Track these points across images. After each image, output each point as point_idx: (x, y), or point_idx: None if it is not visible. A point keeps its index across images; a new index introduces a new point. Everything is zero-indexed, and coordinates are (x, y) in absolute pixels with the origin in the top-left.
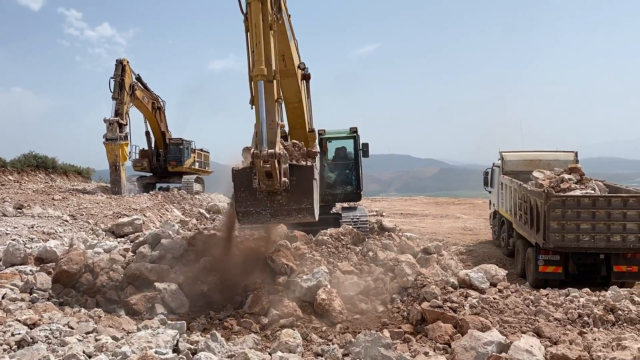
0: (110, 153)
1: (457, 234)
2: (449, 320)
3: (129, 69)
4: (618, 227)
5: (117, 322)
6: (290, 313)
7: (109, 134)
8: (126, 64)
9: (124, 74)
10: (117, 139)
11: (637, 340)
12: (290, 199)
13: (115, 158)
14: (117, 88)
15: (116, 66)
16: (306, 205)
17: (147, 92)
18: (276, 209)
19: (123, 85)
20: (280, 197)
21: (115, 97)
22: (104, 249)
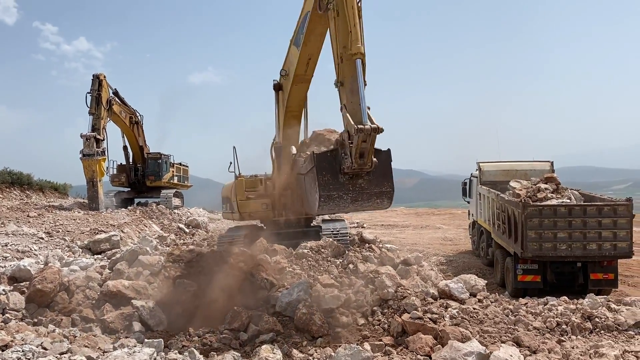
0: (87, 169)
1: (437, 244)
2: (430, 331)
3: (105, 84)
4: (594, 236)
5: (93, 341)
6: (271, 328)
7: (85, 149)
8: (103, 79)
9: (101, 88)
10: (94, 155)
11: (614, 347)
12: (372, 182)
13: (92, 174)
14: (94, 103)
15: (93, 81)
16: (387, 188)
17: (124, 106)
18: (357, 193)
19: (100, 100)
20: (362, 180)
21: (92, 112)
22: (80, 266)
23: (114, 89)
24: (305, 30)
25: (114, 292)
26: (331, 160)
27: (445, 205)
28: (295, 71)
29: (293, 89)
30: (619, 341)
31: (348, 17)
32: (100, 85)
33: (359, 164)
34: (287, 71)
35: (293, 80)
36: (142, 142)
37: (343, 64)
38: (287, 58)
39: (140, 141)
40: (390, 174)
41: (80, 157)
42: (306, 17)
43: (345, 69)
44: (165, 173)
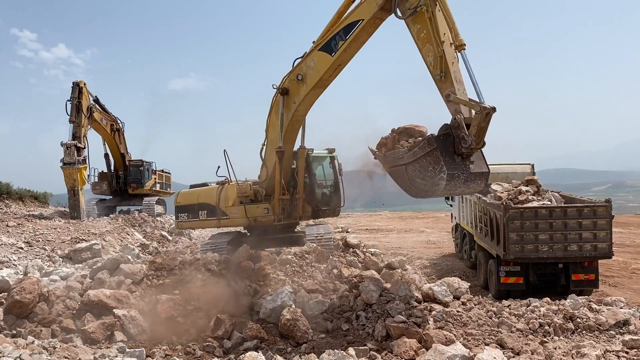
0: (68, 177)
1: (420, 247)
2: (414, 335)
3: (86, 91)
4: (574, 237)
5: (73, 352)
6: (255, 335)
7: (66, 158)
8: (83, 86)
9: (81, 96)
10: (75, 163)
11: (595, 347)
12: (475, 164)
13: (73, 182)
14: (74, 111)
15: (73, 89)
16: (485, 169)
17: (105, 113)
18: (468, 174)
19: (80, 107)
20: (468, 161)
21: (73, 121)
22: (60, 276)
23: (94, 97)
24: (351, 38)
25: (95, 302)
26: (446, 142)
27: (428, 209)
28: (321, 76)
29: (310, 93)
30: (600, 341)
31: (447, 14)
32: (81, 93)
33: (477, 143)
34: (303, 76)
35: (314, 85)
36: (124, 150)
37: (446, 57)
38: (305, 64)
39: (121, 148)
40: (483, 155)
41: (61, 166)
42: (353, 26)
43: (449, 60)
44: (148, 180)
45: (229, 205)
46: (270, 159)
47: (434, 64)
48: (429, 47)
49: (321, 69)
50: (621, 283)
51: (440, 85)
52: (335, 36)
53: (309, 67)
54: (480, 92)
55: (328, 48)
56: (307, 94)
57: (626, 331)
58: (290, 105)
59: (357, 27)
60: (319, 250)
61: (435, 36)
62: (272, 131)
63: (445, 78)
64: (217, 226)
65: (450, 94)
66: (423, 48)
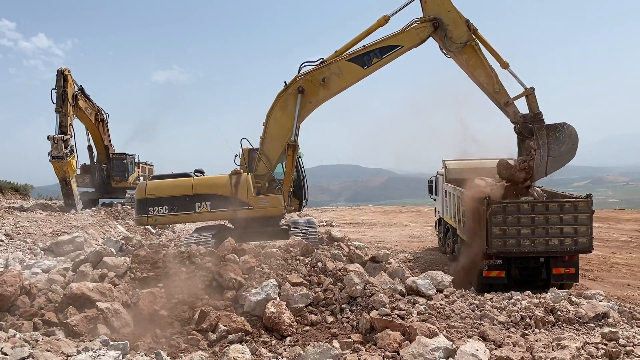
0: (58, 170)
1: (404, 241)
2: (397, 327)
3: (71, 79)
4: (556, 231)
5: (56, 345)
6: (239, 328)
7: (54, 151)
8: (68, 74)
9: (66, 84)
10: (63, 157)
11: (575, 339)
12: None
13: (64, 174)
14: (60, 100)
15: (57, 77)
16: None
17: (90, 103)
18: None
19: (66, 96)
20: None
21: (59, 110)
22: (42, 269)
23: (79, 86)
24: (386, 58)
25: (77, 295)
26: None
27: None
28: (348, 84)
29: (330, 97)
30: (580, 333)
31: (486, 43)
32: (66, 81)
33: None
34: (327, 79)
35: (338, 91)
36: (108, 142)
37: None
38: (329, 70)
39: (105, 140)
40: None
41: (50, 160)
42: (392, 48)
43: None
44: (131, 173)
45: (252, 195)
46: (272, 152)
47: (487, 82)
48: (480, 71)
49: (349, 77)
50: (600, 277)
51: (497, 97)
52: (369, 53)
53: (333, 73)
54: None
55: (360, 61)
56: (327, 97)
57: (605, 324)
58: (305, 104)
59: (396, 50)
60: (304, 244)
61: (485, 61)
62: (274, 125)
63: (501, 90)
64: (232, 217)
65: (508, 100)
66: (475, 72)
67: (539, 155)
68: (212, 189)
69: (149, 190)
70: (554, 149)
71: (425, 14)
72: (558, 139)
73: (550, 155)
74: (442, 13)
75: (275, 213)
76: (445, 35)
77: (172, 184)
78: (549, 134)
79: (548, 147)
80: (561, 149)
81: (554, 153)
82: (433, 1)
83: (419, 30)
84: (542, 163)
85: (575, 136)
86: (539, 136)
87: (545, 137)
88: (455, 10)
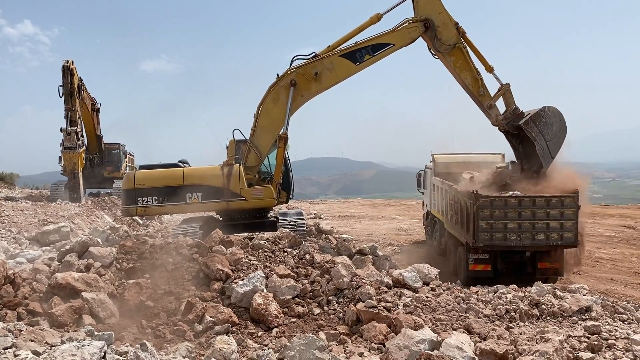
0: (68, 161)
1: (392, 234)
2: (383, 320)
3: (76, 72)
4: (542, 226)
5: (40, 335)
6: (226, 319)
7: (67, 143)
8: (73, 67)
9: (73, 79)
10: (76, 148)
11: (558, 332)
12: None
13: (73, 166)
14: (68, 98)
15: (64, 73)
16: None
17: (87, 93)
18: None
19: (74, 92)
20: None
21: (69, 109)
22: (27, 258)
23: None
24: (378, 55)
25: (63, 285)
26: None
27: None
28: (338, 80)
29: (321, 90)
30: (563, 327)
31: (473, 47)
32: (72, 76)
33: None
34: (319, 74)
35: (329, 85)
36: (99, 131)
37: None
38: (322, 64)
39: (98, 130)
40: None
41: (62, 150)
42: (383, 46)
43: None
44: (122, 163)
45: (244, 187)
46: (262, 144)
47: (472, 84)
48: (466, 73)
49: (341, 73)
50: (585, 271)
51: (482, 99)
52: (362, 49)
53: (325, 68)
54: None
55: (352, 57)
56: (319, 90)
57: (588, 317)
58: (296, 98)
59: (388, 48)
60: (292, 236)
61: (471, 64)
62: (265, 117)
63: (485, 93)
64: (224, 209)
65: (491, 104)
66: (461, 74)
67: (539, 146)
68: (203, 180)
69: (137, 181)
70: (548, 133)
71: (416, 14)
72: (546, 124)
73: (547, 140)
74: (434, 14)
75: (268, 204)
76: (435, 37)
77: (162, 174)
78: (537, 123)
79: (542, 135)
80: (553, 130)
81: (549, 137)
82: (425, 2)
83: (410, 30)
84: (545, 151)
85: (559, 113)
86: (530, 130)
87: (535, 127)
88: (446, 12)
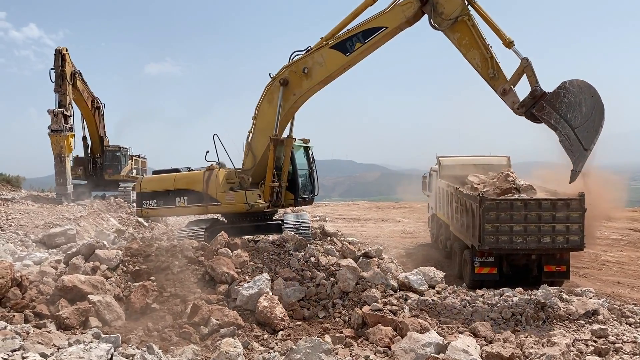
0: (55, 144)
1: (397, 237)
2: (389, 323)
3: (68, 58)
4: (548, 229)
5: (47, 337)
6: (231, 322)
7: (54, 125)
8: (66, 53)
9: (64, 63)
10: (63, 130)
11: (565, 336)
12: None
13: (60, 149)
14: (59, 80)
15: (55, 56)
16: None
17: (86, 87)
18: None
19: (64, 76)
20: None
21: (58, 90)
22: (33, 261)
23: (78, 70)
24: (370, 42)
25: (69, 287)
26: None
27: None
28: (330, 74)
29: (314, 88)
30: (570, 330)
31: (486, 18)
32: (64, 60)
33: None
34: (309, 70)
35: (321, 81)
36: (103, 132)
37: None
38: (312, 59)
39: (100, 130)
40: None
41: (49, 133)
42: (375, 31)
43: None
44: (124, 166)
45: (221, 191)
46: (258, 146)
47: (482, 66)
48: (474, 52)
49: (331, 66)
50: (591, 274)
51: (493, 83)
52: (352, 37)
53: (316, 62)
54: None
55: (342, 48)
56: (311, 88)
57: (595, 321)
58: (289, 97)
59: (379, 33)
60: (297, 239)
61: (480, 40)
62: (261, 119)
63: (498, 76)
64: (204, 213)
65: (505, 88)
66: (468, 53)
67: (562, 137)
68: (189, 185)
69: (142, 185)
70: (575, 118)
71: None
72: (571, 104)
73: (575, 127)
74: None
75: (239, 210)
76: (435, 10)
77: (159, 179)
78: (556, 106)
79: (566, 121)
80: (583, 111)
81: (577, 122)
82: None
83: (404, 8)
84: (574, 142)
85: (588, 87)
86: (547, 117)
87: (554, 112)
88: None
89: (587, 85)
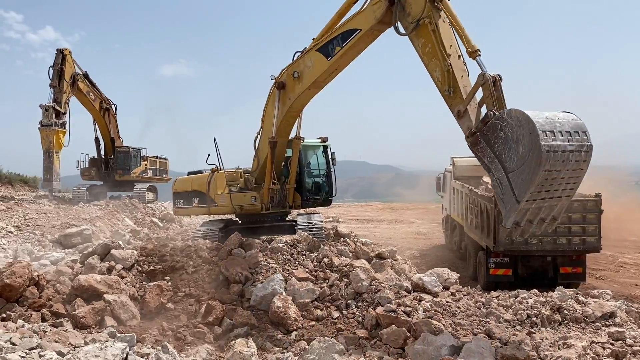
0: (44, 139)
1: (411, 238)
2: (403, 324)
3: (70, 59)
4: (564, 230)
5: (64, 336)
6: (245, 322)
7: (44, 119)
8: (67, 54)
9: (64, 63)
10: (52, 125)
11: (581, 338)
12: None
13: (49, 144)
14: (56, 77)
15: (56, 55)
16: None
17: (93, 88)
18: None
19: (63, 74)
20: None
21: (54, 86)
22: (50, 260)
23: (83, 72)
24: (347, 46)
25: (85, 287)
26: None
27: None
28: (316, 78)
29: (306, 92)
30: (586, 332)
31: (455, 23)
32: (64, 60)
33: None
34: (299, 73)
35: (310, 85)
36: (114, 134)
37: (454, 70)
38: (303, 62)
39: (111, 131)
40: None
41: (39, 127)
42: (352, 33)
43: (457, 74)
44: (136, 167)
45: (217, 193)
46: (262, 148)
47: (441, 80)
48: (435, 62)
49: (317, 71)
50: (608, 276)
51: (449, 101)
52: (332, 40)
53: (306, 65)
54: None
55: (325, 51)
56: (303, 93)
57: (612, 323)
58: (285, 101)
59: (354, 36)
60: (310, 239)
61: (440, 49)
62: (267, 121)
63: (455, 94)
64: (207, 213)
65: (460, 110)
66: (429, 63)
67: (495, 181)
68: (198, 187)
69: (175, 185)
70: (510, 159)
71: None
72: (507, 140)
73: (508, 170)
74: None
75: (227, 212)
76: (404, 10)
77: (184, 180)
78: (492, 141)
79: (500, 162)
80: (519, 151)
81: (512, 164)
82: None
83: (374, 7)
84: (507, 191)
85: (527, 120)
86: (480, 154)
87: (488, 148)
88: None
89: (527, 119)
